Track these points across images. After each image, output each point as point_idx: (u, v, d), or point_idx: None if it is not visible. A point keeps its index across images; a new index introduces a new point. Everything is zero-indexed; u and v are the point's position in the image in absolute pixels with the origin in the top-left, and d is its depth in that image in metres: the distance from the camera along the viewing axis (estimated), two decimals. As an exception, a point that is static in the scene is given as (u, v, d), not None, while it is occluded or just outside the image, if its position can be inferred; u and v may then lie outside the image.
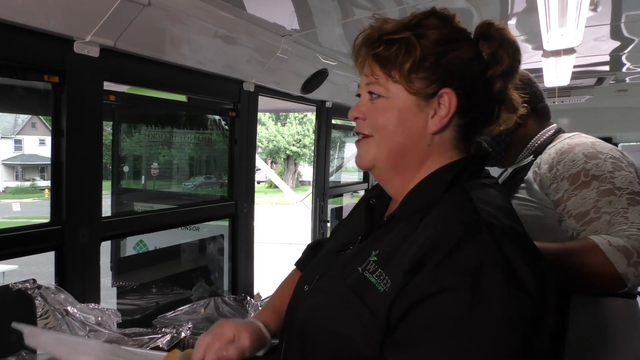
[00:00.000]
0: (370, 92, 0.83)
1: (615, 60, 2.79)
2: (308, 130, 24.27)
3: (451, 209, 0.74)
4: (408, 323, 0.67)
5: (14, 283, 1.24)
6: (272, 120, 24.89)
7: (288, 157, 25.59)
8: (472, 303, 0.63)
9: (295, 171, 26.09)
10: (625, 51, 2.55)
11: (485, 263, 0.65)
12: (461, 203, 0.74)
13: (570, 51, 2.16)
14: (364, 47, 0.83)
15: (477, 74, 0.80)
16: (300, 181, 26.43)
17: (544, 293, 0.67)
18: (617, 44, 2.39)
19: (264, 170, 9.77)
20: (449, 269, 0.66)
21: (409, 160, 0.82)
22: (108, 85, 1.52)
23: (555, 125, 1.45)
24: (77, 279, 1.43)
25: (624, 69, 3.06)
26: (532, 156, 1.41)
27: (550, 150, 1.34)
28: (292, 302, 0.92)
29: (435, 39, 0.79)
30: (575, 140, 1.31)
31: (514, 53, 0.81)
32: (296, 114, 23.68)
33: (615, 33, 2.18)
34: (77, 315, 1.23)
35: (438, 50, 0.78)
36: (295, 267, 1.17)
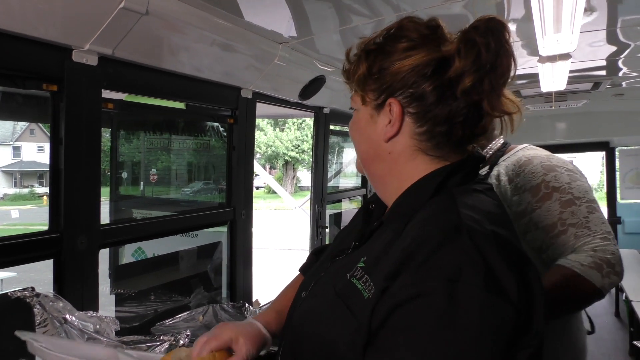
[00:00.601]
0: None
1: (611, 65, 2.80)
2: (306, 136, 24.27)
3: (434, 214, 0.73)
4: (386, 329, 0.66)
5: (13, 291, 1.23)
6: (271, 125, 24.89)
7: (286, 163, 25.59)
8: (449, 308, 0.62)
9: (293, 177, 26.08)
10: (622, 56, 2.56)
11: (464, 268, 0.63)
12: (445, 208, 0.73)
13: (566, 56, 2.18)
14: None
15: (431, 78, 0.76)
16: (299, 186, 26.41)
17: (530, 299, 0.66)
18: (613, 48, 2.40)
19: (262, 176, 9.74)
20: (426, 273, 0.64)
21: (377, 167, 0.86)
22: (106, 93, 1.52)
23: (501, 137, 1.50)
24: (76, 286, 1.43)
25: (620, 74, 3.07)
26: (487, 168, 1.44)
27: (507, 162, 1.40)
28: (291, 308, 0.92)
29: (387, 50, 0.80)
30: (531, 153, 1.39)
31: (474, 51, 0.74)
32: (295, 120, 23.71)
33: (611, 38, 2.19)
34: (76, 323, 1.23)
35: (385, 63, 0.80)
36: (299, 272, 1.18)
